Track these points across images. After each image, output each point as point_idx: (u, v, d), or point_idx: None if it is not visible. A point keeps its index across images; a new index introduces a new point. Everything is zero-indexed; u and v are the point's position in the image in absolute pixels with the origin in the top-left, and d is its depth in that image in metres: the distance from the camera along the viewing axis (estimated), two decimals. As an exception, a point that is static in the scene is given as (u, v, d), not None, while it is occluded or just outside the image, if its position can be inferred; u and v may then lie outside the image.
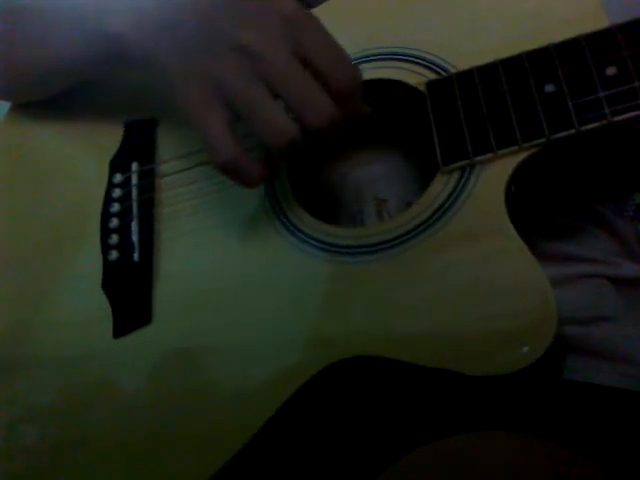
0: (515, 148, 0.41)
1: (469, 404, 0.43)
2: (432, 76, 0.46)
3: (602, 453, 0.40)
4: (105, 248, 0.50)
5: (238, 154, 0.41)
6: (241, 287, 0.46)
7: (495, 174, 0.41)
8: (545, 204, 0.48)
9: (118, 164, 0.53)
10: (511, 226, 0.40)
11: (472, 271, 0.40)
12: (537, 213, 0.48)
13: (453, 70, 0.45)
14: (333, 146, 0.43)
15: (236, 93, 0.40)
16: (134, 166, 0.52)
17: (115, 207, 0.51)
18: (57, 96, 0.57)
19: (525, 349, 0.37)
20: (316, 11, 0.52)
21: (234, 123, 0.42)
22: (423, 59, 0.46)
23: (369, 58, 0.48)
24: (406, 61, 0.47)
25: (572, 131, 0.40)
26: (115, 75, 0.56)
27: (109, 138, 0.54)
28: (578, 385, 0.46)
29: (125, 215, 0.51)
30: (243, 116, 0.41)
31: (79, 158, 0.56)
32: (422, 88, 0.45)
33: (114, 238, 0.50)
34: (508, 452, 0.40)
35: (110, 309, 0.48)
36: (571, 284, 0.49)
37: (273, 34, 0.40)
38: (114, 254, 0.50)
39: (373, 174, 0.52)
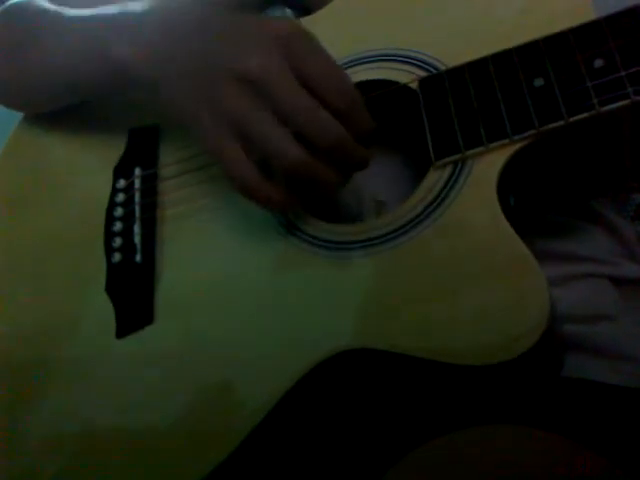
0: (506, 141, 0.41)
1: (470, 401, 0.43)
2: (425, 75, 0.46)
3: (601, 450, 0.40)
4: (109, 251, 0.51)
5: (256, 181, 0.43)
6: (242, 288, 0.46)
7: (487, 168, 0.42)
8: (542, 202, 0.49)
9: (122, 170, 0.54)
10: (503, 217, 0.40)
11: (465, 261, 0.40)
12: (536, 212, 0.48)
13: (445, 68, 0.46)
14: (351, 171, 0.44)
15: (245, 123, 0.42)
16: (137, 171, 0.53)
17: (119, 211, 0.52)
18: (65, 106, 0.59)
19: (519, 336, 0.37)
20: (314, 16, 0.54)
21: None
22: (416, 59, 0.47)
23: (364, 60, 0.49)
24: (400, 62, 0.48)
25: (561, 122, 0.40)
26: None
27: (114, 146, 0.55)
28: (578, 382, 0.46)
29: (128, 218, 0.52)
30: (254, 143, 0.42)
31: (85, 166, 0.57)
32: (414, 86, 0.46)
33: (117, 241, 0.51)
34: (510, 445, 0.40)
35: (114, 311, 0.49)
36: (571, 283, 0.49)
37: (273, 60, 0.41)
38: (117, 256, 0.51)
39: (371, 176, 0.52)
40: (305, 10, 0.58)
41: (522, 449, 0.39)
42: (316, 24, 0.53)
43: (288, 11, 0.65)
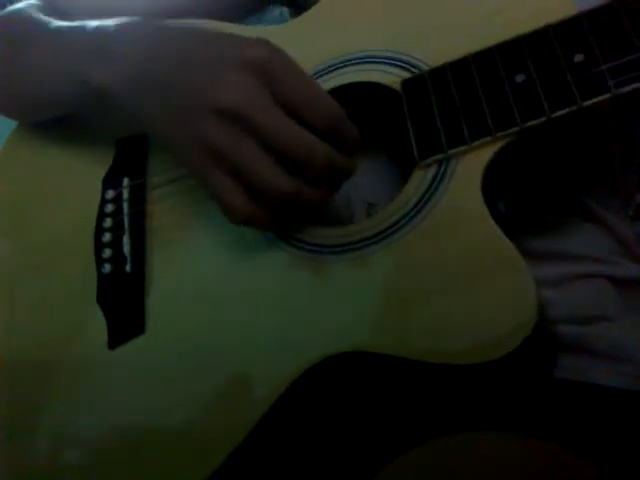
0: (488, 139, 0.41)
1: (465, 404, 0.43)
2: (408, 76, 0.46)
3: (600, 453, 0.40)
4: (99, 262, 0.51)
5: (243, 210, 0.42)
6: (230, 294, 0.47)
7: (470, 166, 0.42)
8: (531, 200, 0.48)
9: (110, 181, 0.54)
10: (488, 214, 0.40)
11: (451, 262, 0.40)
12: (527, 211, 0.48)
13: (427, 68, 0.46)
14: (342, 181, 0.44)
15: (228, 156, 0.41)
16: (125, 181, 0.53)
17: (108, 222, 0.52)
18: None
19: (506, 336, 0.37)
20: (302, 17, 0.53)
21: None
22: (398, 60, 0.47)
23: (346, 63, 0.49)
24: (382, 63, 0.48)
25: (543, 118, 0.40)
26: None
27: (103, 156, 0.56)
28: (577, 384, 0.46)
29: (117, 229, 0.52)
30: (240, 176, 0.41)
31: (75, 177, 0.57)
32: (397, 87, 0.46)
33: (107, 252, 0.51)
34: (506, 451, 0.40)
35: (105, 321, 0.49)
36: (570, 284, 0.49)
37: (250, 89, 0.41)
38: (107, 267, 0.51)
39: (361, 179, 0.52)
40: (302, 8, 0.58)
41: (512, 456, 0.39)
42: (303, 25, 0.54)
43: (285, 10, 0.66)
